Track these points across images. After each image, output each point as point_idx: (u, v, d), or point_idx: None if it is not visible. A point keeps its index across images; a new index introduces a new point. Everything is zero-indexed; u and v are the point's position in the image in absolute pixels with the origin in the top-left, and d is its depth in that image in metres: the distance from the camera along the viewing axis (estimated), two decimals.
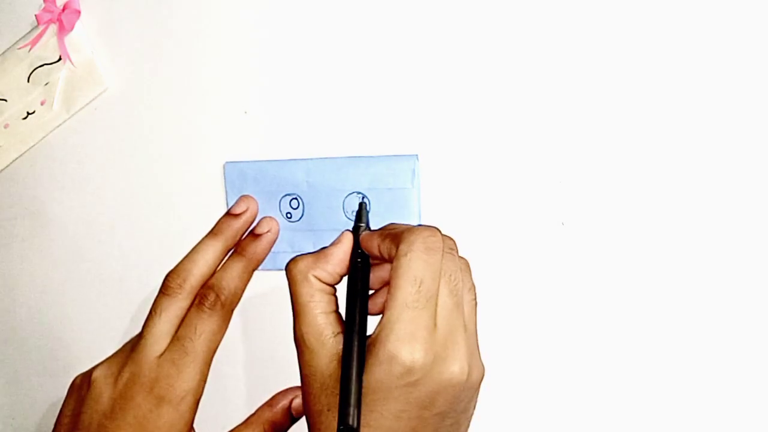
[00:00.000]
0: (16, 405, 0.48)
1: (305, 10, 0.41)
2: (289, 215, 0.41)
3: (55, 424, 0.39)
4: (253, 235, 0.40)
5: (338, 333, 0.34)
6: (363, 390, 0.31)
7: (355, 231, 0.37)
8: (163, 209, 0.44)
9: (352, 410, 0.31)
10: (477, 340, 0.34)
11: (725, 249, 0.36)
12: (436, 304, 0.32)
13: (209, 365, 0.38)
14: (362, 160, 0.40)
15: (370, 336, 0.33)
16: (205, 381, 0.38)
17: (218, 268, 0.39)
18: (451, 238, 0.35)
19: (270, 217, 0.41)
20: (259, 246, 0.40)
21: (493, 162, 0.39)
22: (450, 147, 0.39)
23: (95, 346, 0.45)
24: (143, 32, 0.43)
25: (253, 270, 0.40)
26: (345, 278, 0.36)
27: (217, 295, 0.38)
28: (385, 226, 0.37)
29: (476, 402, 0.35)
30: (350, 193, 0.40)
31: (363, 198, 0.40)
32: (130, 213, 0.44)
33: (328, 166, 0.40)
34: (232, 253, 0.40)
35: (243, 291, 0.39)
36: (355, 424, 0.30)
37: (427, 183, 0.39)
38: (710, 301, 0.36)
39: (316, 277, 0.35)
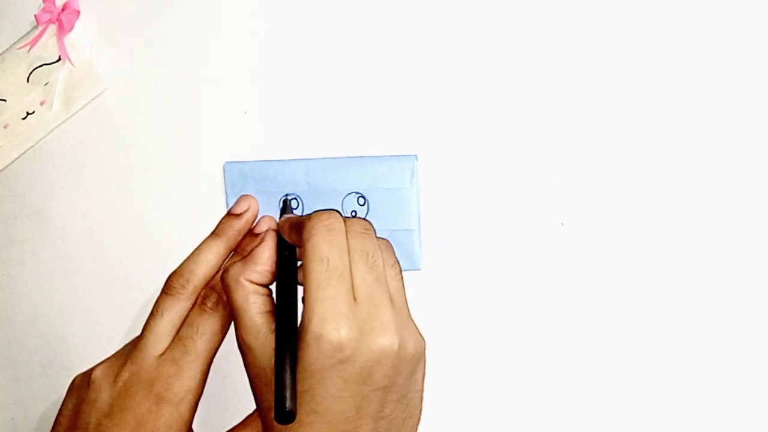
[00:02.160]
0: (16, 405, 0.48)
1: (305, 10, 0.41)
2: None
3: (54, 424, 0.39)
4: (253, 234, 0.40)
5: (274, 330, 0.35)
6: (300, 376, 0.32)
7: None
8: (162, 209, 0.44)
9: (288, 393, 0.31)
10: (408, 313, 0.35)
11: (724, 249, 0.36)
12: (352, 280, 0.33)
13: (210, 365, 0.38)
14: (361, 160, 0.40)
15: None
16: (205, 381, 0.38)
17: (221, 270, 0.39)
18: (366, 221, 0.36)
19: (269, 216, 0.41)
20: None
21: (492, 162, 0.39)
22: (449, 147, 0.39)
23: (95, 346, 0.45)
24: (143, 32, 0.43)
25: None
26: None
27: (219, 296, 0.38)
28: (295, 216, 0.38)
29: (423, 376, 0.36)
30: (348, 194, 0.40)
31: (291, 195, 0.40)
32: (131, 213, 0.44)
33: (327, 166, 0.40)
34: (233, 254, 0.40)
35: None
36: (293, 408, 0.31)
37: (427, 183, 0.39)
38: (710, 300, 0.37)
39: (248, 280, 0.36)
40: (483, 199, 0.39)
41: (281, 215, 0.40)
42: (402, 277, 0.36)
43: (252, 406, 0.39)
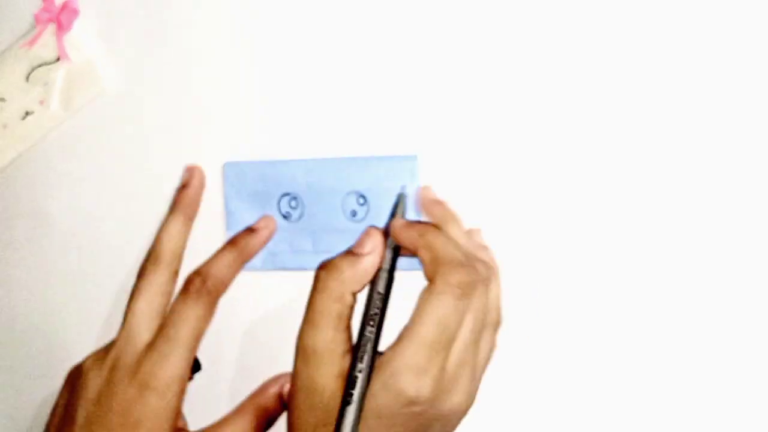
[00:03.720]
0: (16, 405, 0.48)
1: (304, 10, 0.40)
2: (287, 215, 0.41)
3: (50, 416, 0.39)
4: (250, 229, 0.40)
5: (347, 352, 0.34)
6: (366, 412, 0.32)
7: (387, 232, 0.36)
8: (162, 209, 0.44)
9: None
10: (483, 374, 0.35)
11: (726, 248, 0.36)
12: (453, 345, 0.32)
13: (194, 353, 0.37)
14: (361, 161, 0.40)
15: (379, 354, 0.33)
16: (190, 368, 0.37)
17: (210, 258, 0.39)
18: (492, 266, 0.35)
19: (269, 215, 0.41)
20: (254, 240, 0.40)
21: (491, 162, 0.39)
22: (449, 147, 0.39)
23: (95, 346, 0.45)
24: (142, 31, 0.43)
25: (244, 262, 0.39)
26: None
27: (204, 281, 0.37)
28: (420, 222, 0.37)
29: None
30: (348, 193, 0.40)
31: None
32: (129, 213, 0.44)
33: (327, 166, 0.40)
34: (225, 244, 0.40)
35: (231, 281, 0.39)
36: None
37: (426, 183, 0.39)
38: (711, 300, 0.36)
39: (352, 293, 0.34)
40: (483, 198, 0.39)
41: (394, 211, 0.38)
42: (496, 343, 0.35)
43: (243, 395, 0.39)
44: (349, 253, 0.35)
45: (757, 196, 0.36)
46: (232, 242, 0.40)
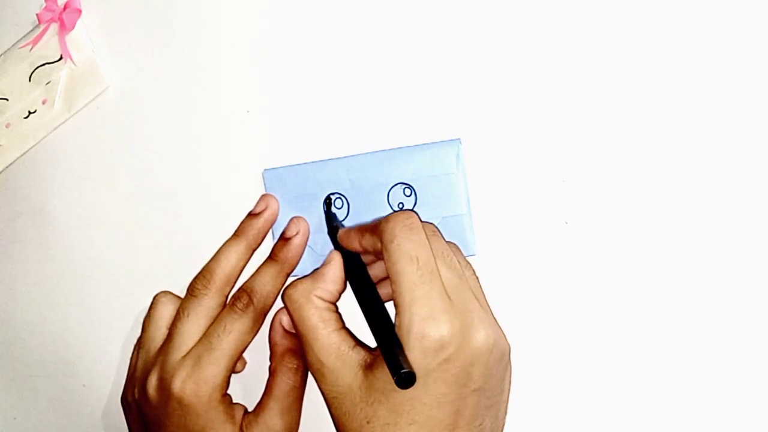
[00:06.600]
0: (17, 405, 0.48)
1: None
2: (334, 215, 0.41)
3: None
4: (283, 239, 0.40)
5: (355, 345, 0.34)
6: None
7: (333, 234, 0.38)
8: (165, 208, 0.44)
9: (402, 359, 0.30)
10: (491, 311, 0.34)
11: (729, 247, 0.36)
12: (441, 278, 0.32)
13: (234, 364, 0.37)
14: (403, 151, 0.39)
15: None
16: (228, 378, 0.37)
17: (253, 273, 0.39)
18: (431, 223, 0.35)
19: (299, 217, 0.40)
20: (290, 250, 0.39)
21: (496, 161, 0.38)
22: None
23: (95, 346, 0.45)
24: (144, 30, 0.43)
25: (288, 273, 0.39)
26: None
27: (250, 298, 0.38)
28: (357, 224, 0.38)
29: (510, 384, 0.35)
30: (394, 185, 0.39)
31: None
32: (132, 212, 0.44)
33: (369, 161, 0.39)
34: (266, 258, 0.40)
35: (276, 295, 0.39)
36: (410, 368, 0.30)
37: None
38: (714, 299, 0.36)
39: (318, 297, 0.35)
40: (486, 197, 0.39)
41: (328, 221, 0.39)
42: (477, 277, 0.35)
43: (253, 402, 0.39)
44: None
45: (758, 194, 0.36)
46: (271, 256, 0.40)
